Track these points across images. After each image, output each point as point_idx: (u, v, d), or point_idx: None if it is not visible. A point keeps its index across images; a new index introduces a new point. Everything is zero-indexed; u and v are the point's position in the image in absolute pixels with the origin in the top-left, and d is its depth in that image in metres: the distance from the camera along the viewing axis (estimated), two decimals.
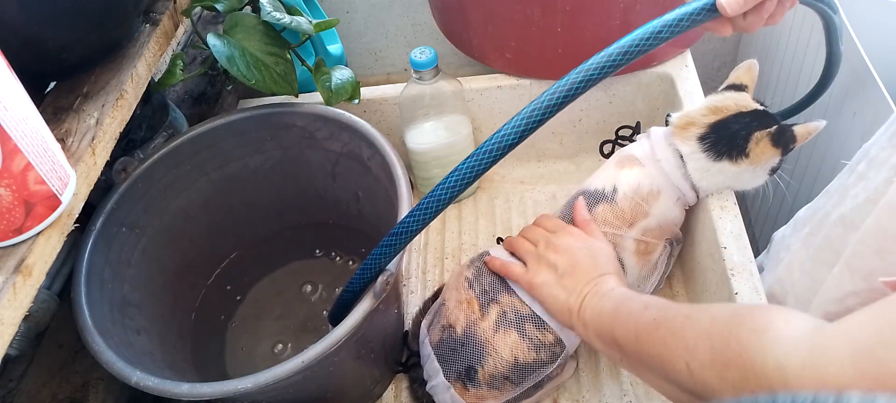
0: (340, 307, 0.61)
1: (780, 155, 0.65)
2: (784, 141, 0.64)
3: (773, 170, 0.67)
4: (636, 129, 0.92)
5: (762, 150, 0.64)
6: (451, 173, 0.53)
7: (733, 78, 0.71)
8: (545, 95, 0.51)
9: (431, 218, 0.54)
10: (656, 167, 0.68)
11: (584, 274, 0.61)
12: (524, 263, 0.67)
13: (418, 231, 0.55)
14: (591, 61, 0.51)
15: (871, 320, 0.33)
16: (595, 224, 0.68)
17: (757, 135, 0.63)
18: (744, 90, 0.69)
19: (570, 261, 0.63)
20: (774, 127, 0.64)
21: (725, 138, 0.65)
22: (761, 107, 0.67)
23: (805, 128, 0.63)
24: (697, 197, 0.71)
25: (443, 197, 0.53)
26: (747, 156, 0.65)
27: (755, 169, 0.66)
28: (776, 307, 0.41)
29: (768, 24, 0.56)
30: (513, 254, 0.70)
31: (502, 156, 0.52)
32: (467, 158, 0.53)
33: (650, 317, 0.49)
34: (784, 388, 0.35)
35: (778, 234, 0.80)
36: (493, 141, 0.52)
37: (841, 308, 0.63)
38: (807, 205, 0.75)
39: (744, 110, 0.66)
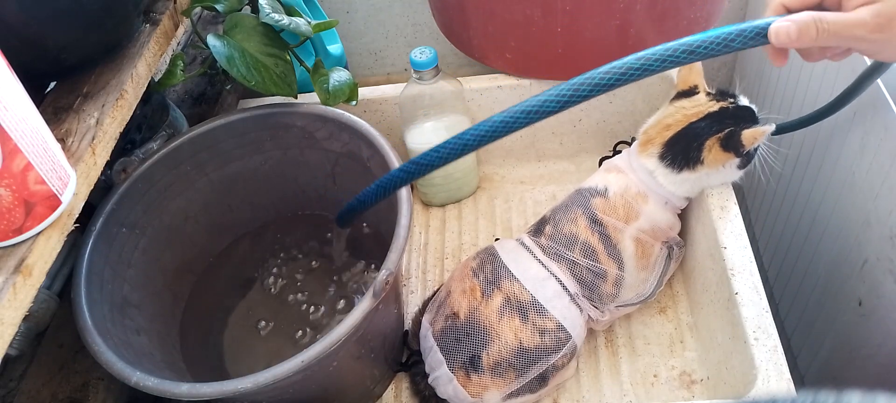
0: (348, 210, 0.66)
1: (735, 156, 0.66)
2: (733, 144, 0.65)
3: (743, 165, 0.68)
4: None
5: (715, 156, 0.66)
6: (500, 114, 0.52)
7: (679, 84, 0.72)
8: (595, 73, 0.50)
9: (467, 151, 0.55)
10: (637, 176, 0.71)
11: None
12: None
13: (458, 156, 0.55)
14: (644, 54, 0.48)
15: None
16: None
17: (708, 142, 0.66)
18: (695, 92, 0.70)
19: None
20: (723, 132, 0.66)
21: (680, 152, 0.68)
22: (718, 104, 0.68)
23: (752, 132, 0.64)
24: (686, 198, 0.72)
25: (492, 130, 0.53)
26: (703, 163, 0.67)
27: (718, 170, 0.68)
28: None
29: (832, 59, 0.53)
30: None
31: (569, 106, 0.51)
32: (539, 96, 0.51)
33: None
34: None
35: None
36: (568, 85, 0.50)
37: None
38: None
39: (694, 119, 0.68)
